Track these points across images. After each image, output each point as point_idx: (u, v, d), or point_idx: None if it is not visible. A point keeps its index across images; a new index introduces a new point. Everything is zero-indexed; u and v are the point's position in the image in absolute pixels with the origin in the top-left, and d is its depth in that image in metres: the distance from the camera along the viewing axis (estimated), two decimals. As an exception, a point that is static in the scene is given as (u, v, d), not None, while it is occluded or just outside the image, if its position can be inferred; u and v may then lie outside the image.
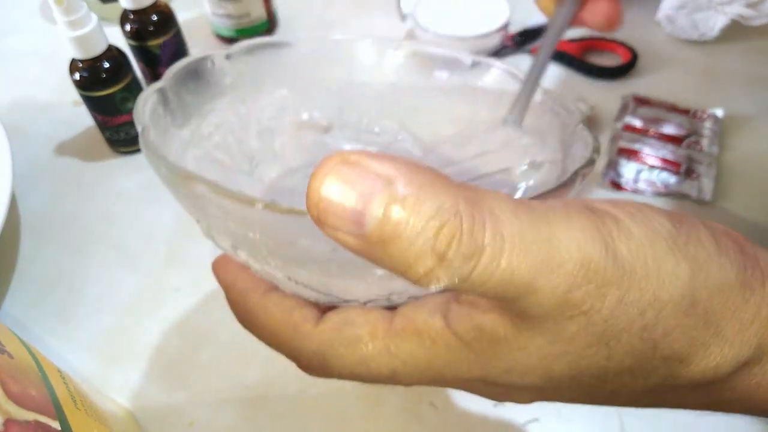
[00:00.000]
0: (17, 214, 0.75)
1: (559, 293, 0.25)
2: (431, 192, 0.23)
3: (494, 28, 0.85)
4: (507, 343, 0.28)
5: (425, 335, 0.30)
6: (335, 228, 0.24)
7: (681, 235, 0.27)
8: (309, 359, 0.33)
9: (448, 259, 0.23)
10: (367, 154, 0.24)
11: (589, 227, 0.25)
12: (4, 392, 0.33)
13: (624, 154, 0.74)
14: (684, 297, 0.26)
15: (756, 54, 0.88)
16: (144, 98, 0.35)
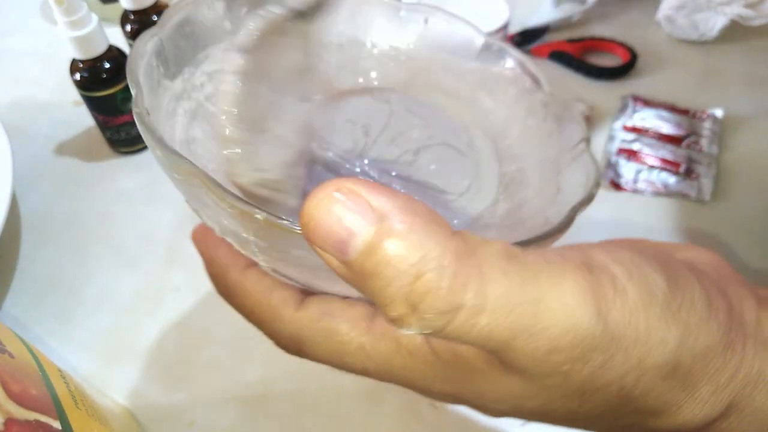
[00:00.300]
0: (18, 213, 0.75)
1: (539, 355, 0.25)
2: (421, 237, 0.23)
3: (493, 29, 0.85)
4: (482, 374, 0.28)
5: (404, 345, 0.29)
6: (322, 248, 0.24)
7: (675, 299, 0.27)
8: (286, 342, 0.33)
9: (419, 310, 0.23)
10: (367, 184, 0.24)
11: (584, 290, 0.25)
12: (4, 392, 0.33)
13: (623, 154, 0.74)
14: (668, 363, 0.26)
15: (755, 54, 0.88)
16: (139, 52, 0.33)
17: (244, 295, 0.33)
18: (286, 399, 0.58)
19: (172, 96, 0.36)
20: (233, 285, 0.34)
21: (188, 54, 0.37)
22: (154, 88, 0.34)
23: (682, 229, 0.68)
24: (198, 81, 0.38)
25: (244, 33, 0.41)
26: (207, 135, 0.38)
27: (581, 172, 0.35)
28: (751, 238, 0.67)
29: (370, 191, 0.23)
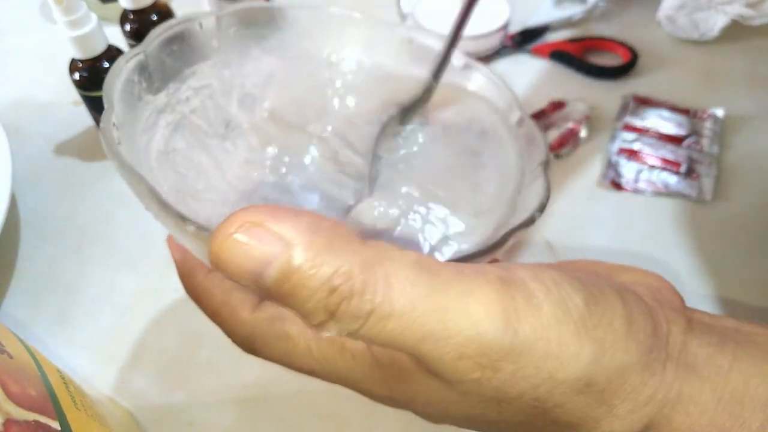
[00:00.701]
0: (17, 213, 0.75)
1: (448, 360, 0.26)
2: (328, 255, 0.25)
3: (494, 28, 0.85)
4: (412, 377, 0.29)
5: (347, 349, 0.31)
6: (240, 280, 0.26)
7: (593, 318, 0.28)
8: (240, 340, 0.35)
9: (336, 317, 0.25)
10: (269, 212, 0.25)
11: (494, 301, 0.26)
12: (3, 392, 0.33)
13: (624, 153, 0.74)
14: (580, 379, 0.27)
15: (756, 53, 0.88)
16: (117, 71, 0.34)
17: (208, 295, 0.35)
18: (284, 399, 0.58)
19: (153, 109, 0.37)
20: (199, 286, 0.36)
21: (174, 70, 0.39)
22: (133, 103, 0.35)
23: (683, 229, 0.68)
24: (184, 95, 0.40)
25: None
26: (190, 145, 0.39)
27: (534, 196, 0.35)
28: (751, 238, 0.67)
29: (272, 219, 0.25)
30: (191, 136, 0.40)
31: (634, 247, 0.67)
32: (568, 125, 0.78)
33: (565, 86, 0.85)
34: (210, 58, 0.41)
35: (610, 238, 0.68)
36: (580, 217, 0.70)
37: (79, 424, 0.40)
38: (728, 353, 0.30)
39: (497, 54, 0.89)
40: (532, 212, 0.34)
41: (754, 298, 0.62)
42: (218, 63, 0.41)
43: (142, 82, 0.36)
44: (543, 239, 0.68)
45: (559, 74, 0.87)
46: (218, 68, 0.42)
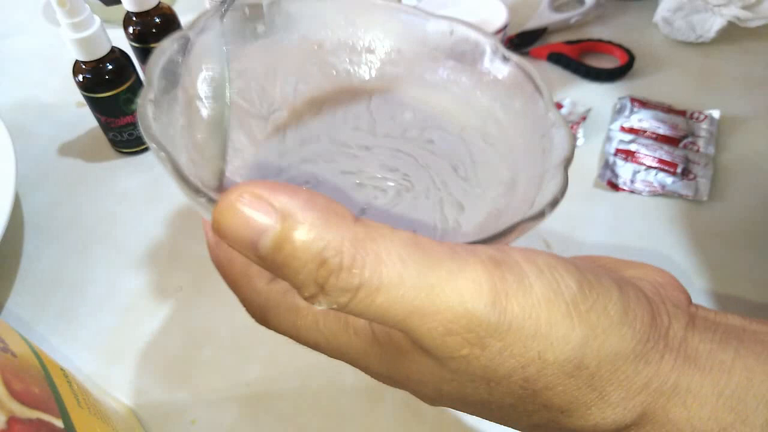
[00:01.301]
0: (21, 213, 0.75)
1: (437, 335, 0.27)
2: (321, 229, 0.26)
3: (492, 31, 0.85)
4: (407, 355, 0.30)
5: (350, 325, 0.32)
6: (237, 249, 0.26)
7: (586, 301, 0.28)
8: (254, 310, 0.35)
9: (326, 289, 0.26)
10: (269, 186, 0.26)
11: (483, 280, 0.26)
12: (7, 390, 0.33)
13: (621, 154, 0.75)
14: (570, 361, 0.27)
15: (752, 55, 0.88)
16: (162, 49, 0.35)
17: (230, 264, 0.36)
18: (286, 397, 0.58)
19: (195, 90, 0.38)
20: (223, 255, 0.36)
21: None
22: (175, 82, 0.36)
23: (680, 229, 0.69)
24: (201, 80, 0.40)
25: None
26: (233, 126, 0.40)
27: (551, 191, 0.35)
28: (747, 238, 0.67)
29: (271, 192, 0.26)
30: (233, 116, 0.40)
31: (631, 246, 0.68)
32: (566, 126, 0.78)
33: (562, 88, 0.85)
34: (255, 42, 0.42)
35: (607, 238, 0.68)
36: (578, 217, 0.71)
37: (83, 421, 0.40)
38: (731, 350, 0.30)
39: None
40: (543, 206, 0.33)
41: (750, 296, 0.63)
42: (262, 47, 0.42)
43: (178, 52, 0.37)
44: (540, 239, 0.68)
45: (557, 76, 0.88)
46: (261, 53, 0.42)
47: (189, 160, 0.36)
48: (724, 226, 0.69)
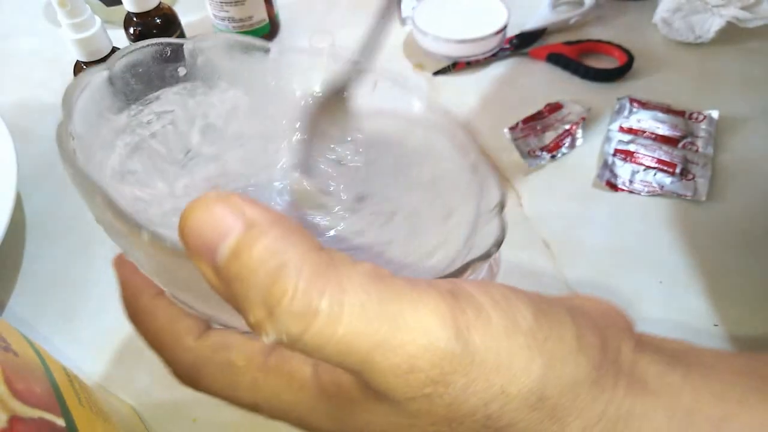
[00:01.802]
0: (22, 214, 0.76)
1: (399, 373, 0.25)
2: (283, 246, 0.24)
3: (492, 31, 0.86)
4: (359, 405, 0.28)
5: (294, 380, 0.30)
6: (194, 254, 0.25)
7: (542, 330, 0.27)
8: (182, 371, 0.33)
9: (275, 314, 0.23)
10: (246, 198, 0.25)
11: (444, 312, 0.25)
12: (9, 390, 0.33)
13: (620, 154, 0.75)
14: (533, 392, 0.26)
15: (751, 56, 0.88)
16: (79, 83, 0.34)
17: (152, 319, 0.33)
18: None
19: (111, 128, 0.37)
20: (143, 308, 0.34)
21: (138, 92, 0.38)
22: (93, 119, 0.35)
23: (678, 229, 0.69)
24: (145, 118, 0.39)
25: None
26: (147, 169, 0.39)
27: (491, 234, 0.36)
28: (746, 238, 0.68)
29: (245, 203, 0.24)
30: (149, 160, 0.39)
31: (630, 246, 0.68)
32: (565, 127, 0.78)
33: (561, 88, 0.86)
34: (176, 84, 0.41)
35: (605, 238, 0.69)
36: (576, 217, 0.71)
37: (84, 420, 0.40)
38: (679, 372, 0.30)
39: (495, 57, 0.90)
40: (489, 247, 0.34)
41: (748, 296, 0.63)
42: (183, 90, 0.41)
43: (103, 99, 0.36)
44: (540, 239, 0.69)
45: (556, 77, 0.88)
46: (182, 95, 0.41)
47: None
48: (723, 226, 0.69)
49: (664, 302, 0.63)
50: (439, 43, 0.87)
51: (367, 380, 0.26)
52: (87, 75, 0.34)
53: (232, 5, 0.89)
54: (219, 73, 0.42)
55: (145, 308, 0.34)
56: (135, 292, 0.34)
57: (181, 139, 0.42)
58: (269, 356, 0.31)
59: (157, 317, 0.33)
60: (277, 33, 0.98)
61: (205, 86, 0.42)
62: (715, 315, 0.62)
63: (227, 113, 0.44)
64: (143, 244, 0.26)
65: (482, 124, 0.82)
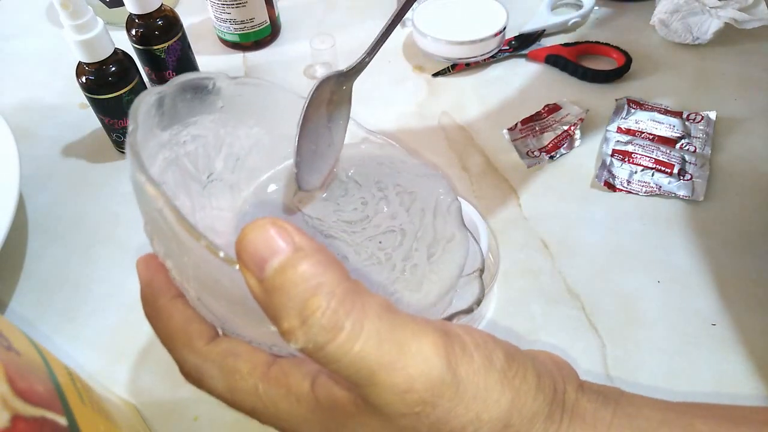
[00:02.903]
0: (25, 214, 0.76)
1: (398, 391, 0.29)
2: (323, 270, 0.29)
3: (491, 33, 0.86)
4: (351, 417, 0.32)
5: (293, 392, 0.34)
6: (246, 265, 0.29)
7: (511, 370, 0.32)
8: (189, 370, 0.36)
9: (308, 324, 0.28)
10: (295, 227, 0.30)
11: (439, 345, 0.30)
12: (11, 388, 0.33)
13: (618, 155, 0.76)
14: (501, 420, 0.31)
15: (748, 57, 0.89)
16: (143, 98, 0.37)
17: (168, 318, 0.37)
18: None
19: (157, 143, 0.41)
20: (161, 308, 0.37)
21: (182, 114, 0.42)
22: (146, 132, 0.38)
23: (676, 230, 0.69)
24: (182, 139, 0.43)
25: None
26: (177, 183, 0.43)
27: (471, 293, 0.42)
28: (743, 238, 0.68)
29: (295, 231, 0.29)
30: (180, 175, 0.43)
31: (628, 246, 0.68)
32: (563, 128, 0.79)
33: (560, 90, 0.86)
34: (213, 114, 0.45)
35: (603, 238, 0.69)
36: (575, 217, 0.71)
37: (86, 419, 0.40)
38: (610, 409, 0.35)
39: (494, 58, 0.91)
40: (471, 304, 0.40)
41: (745, 296, 0.63)
42: (217, 120, 0.45)
43: (155, 116, 0.39)
44: (538, 239, 0.69)
45: (555, 78, 0.88)
46: (216, 124, 0.45)
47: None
48: (721, 226, 0.69)
49: (662, 302, 0.63)
50: (439, 44, 0.88)
51: (367, 394, 0.30)
52: (146, 94, 0.38)
53: (233, 7, 0.89)
54: (250, 111, 0.47)
55: (163, 308, 0.37)
56: (155, 292, 0.38)
57: (207, 162, 0.46)
58: (271, 368, 0.35)
59: (173, 318, 0.37)
60: (278, 35, 0.99)
61: (236, 120, 0.46)
62: (713, 315, 0.62)
63: (250, 147, 0.48)
64: (199, 250, 0.30)
65: (481, 124, 0.82)
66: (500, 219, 0.72)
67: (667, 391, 0.56)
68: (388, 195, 0.49)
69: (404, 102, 0.87)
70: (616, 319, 0.62)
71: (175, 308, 0.37)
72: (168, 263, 0.36)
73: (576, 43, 0.91)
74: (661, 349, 0.60)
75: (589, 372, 0.59)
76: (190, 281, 0.35)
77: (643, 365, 0.59)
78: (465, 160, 0.78)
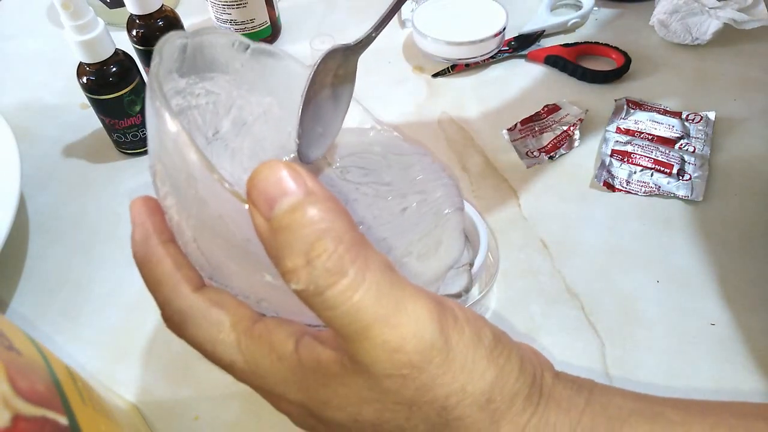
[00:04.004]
0: (26, 214, 0.76)
1: (388, 349, 0.29)
2: (332, 217, 0.29)
3: (490, 34, 0.86)
4: (334, 378, 0.32)
5: (275, 350, 0.34)
6: (254, 203, 0.29)
7: (497, 349, 0.33)
8: (172, 315, 0.36)
9: (312, 265, 0.28)
10: (309, 173, 0.29)
11: (434, 311, 0.31)
12: (12, 388, 0.33)
13: (617, 155, 0.76)
14: (484, 394, 0.32)
15: (748, 57, 0.89)
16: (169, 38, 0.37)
17: (157, 261, 0.36)
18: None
19: (173, 87, 0.41)
20: (151, 250, 0.37)
21: (200, 67, 0.42)
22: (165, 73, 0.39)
23: (675, 230, 0.69)
24: (197, 91, 0.43)
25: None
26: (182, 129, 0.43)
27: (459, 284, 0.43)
28: (742, 238, 0.68)
29: (308, 175, 0.29)
30: (187, 125, 0.43)
31: (627, 246, 0.68)
32: (563, 128, 0.79)
33: (559, 90, 0.86)
34: (229, 74, 0.45)
35: (603, 238, 0.69)
36: (574, 217, 0.71)
37: (87, 418, 0.40)
38: (583, 397, 0.35)
39: (493, 59, 0.91)
40: (460, 290, 0.42)
41: (744, 296, 0.63)
42: (232, 81, 0.45)
43: (177, 61, 0.40)
44: (538, 239, 0.69)
45: (554, 78, 0.89)
46: (231, 85, 0.45)
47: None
48: (720, 226, 0.69)
49: (662, 302, 0.63)
50: (438, 45, 0.88)
51: (356, 350, 0.30)
52: (173, 35, 0.38)
53: (234, 8, 0.89)
54: (265, 79, 0.47)
55: (154, 251, 0.37)
56: (148, 234, 0.37)
57: (215, 120, 0.46)
58: (256, 324, 0.35)
59: (164, 262, 0.36)
60: (278, 36, 0.99)
61: (250, 85, 0.46)
62: (713, 314, 0.62)
63: (258, 115, 0.48)
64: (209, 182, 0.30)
65: (481, 125, 0.83)
66: (500, 219, 0.72)
67: (666, 391, 0.56)
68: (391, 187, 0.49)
69: (404, 102, 0.87)
70: (616, 319, 0.62)
71: (166, 252, 0.37)
72: (168, 201, 0.36)
73: (575, 43, 0.91)
74: (660, 348, 0.60)
75: (589, 371, 0.59)
76: (190, 220, 0.35)
77: (643, 365, 0.59)
78: (464, 161, 0.78)
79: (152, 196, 0.39)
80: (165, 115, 0.32)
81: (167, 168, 0.35)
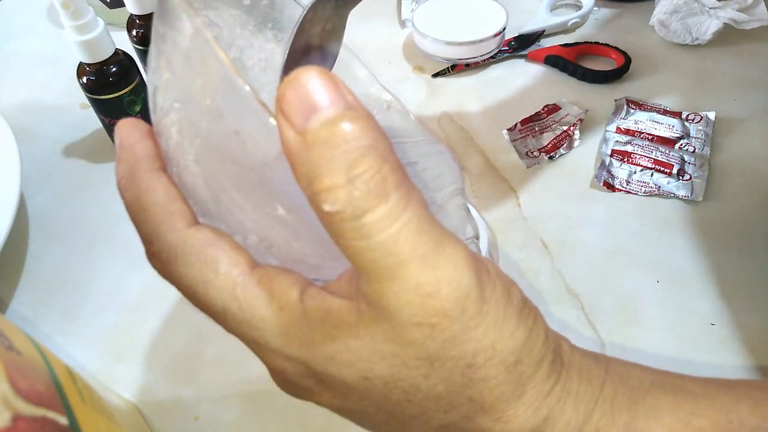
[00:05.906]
0: (26, 214, 0.76)
1: (421, 293, 0.26)
2: (375, 135, 0.25)
3: (490, 34, 0.86)
4: (346, 329, 0.29)
5: (276, 298, 0.30)
6: (285, 114, 0.25)
7: (525, 309, 0.30)
8: (161, 250, 0.32)
9: (354, 184, 0.24)
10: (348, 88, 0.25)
11: (471, 258, 0.27)
12: (12, 388, 0.33)
13: (617, 155, 0.76)
14: (513, 354, 0.29)
15: (748, 57, 0.89)
16: None
17: (146, 189, 0.32)
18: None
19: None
20: (140, 176, 0.32)
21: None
22: None
23: (675, 230, 0.69)
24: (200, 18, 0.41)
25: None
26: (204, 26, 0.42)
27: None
28: (742, 238, 0.68)
29: (349, 91, 0.25)
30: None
31: (627, 246, 0.68)
32: (563, 128, 0.79)
33: (559, 90, 0.86)
34: (236, 9, 0.42)
35: (603, 238, 0.69)
36: (574, 217, 0.71)
37: (87, 418, 0.40)
38: (602, 367, 0.34)
39: (493, 59, 0.91)
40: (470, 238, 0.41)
41: (744, 296, 0.63)
42: (238, 17, 0.43)
43: None
44: (538, 239, 0.69)
45: (554, 78, 0.89)
46: (236, 20, 0.43)
47: None
48: (720, 226, 0.69)
49: (662, 302, 0.63)
50: (438, 45, 0.88)
51: (382, 291, 0.27)
52: None
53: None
54: (271, 24, 0.44)
55: (144, 177, 0.32)
56: (137, 158, 0.33)
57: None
58: (255, 268, 0.31)
59: (154, 191, 0.32)
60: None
61: (255, 26, 0.43)
62: (712, 314, 0.62)
63: (258, 60, 0.45)
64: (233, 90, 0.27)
65: (481, 125, 0.83)
66: (500, 219, 0.72)
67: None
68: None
69: (404, 102, 0.87)
70: (615, 319, 0.62)
71: (158, 181, 0.32)
72: (171, 117, 0.32)
73: (575, 43, 0.91)
74: (660, 348, 0.60)
75: (588, 371, 0.59)
76: (196, 139, 0.31)
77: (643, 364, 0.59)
78: (465, 161, 0.78)
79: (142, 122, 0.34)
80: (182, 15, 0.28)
81: (178, 75, 0.31)
